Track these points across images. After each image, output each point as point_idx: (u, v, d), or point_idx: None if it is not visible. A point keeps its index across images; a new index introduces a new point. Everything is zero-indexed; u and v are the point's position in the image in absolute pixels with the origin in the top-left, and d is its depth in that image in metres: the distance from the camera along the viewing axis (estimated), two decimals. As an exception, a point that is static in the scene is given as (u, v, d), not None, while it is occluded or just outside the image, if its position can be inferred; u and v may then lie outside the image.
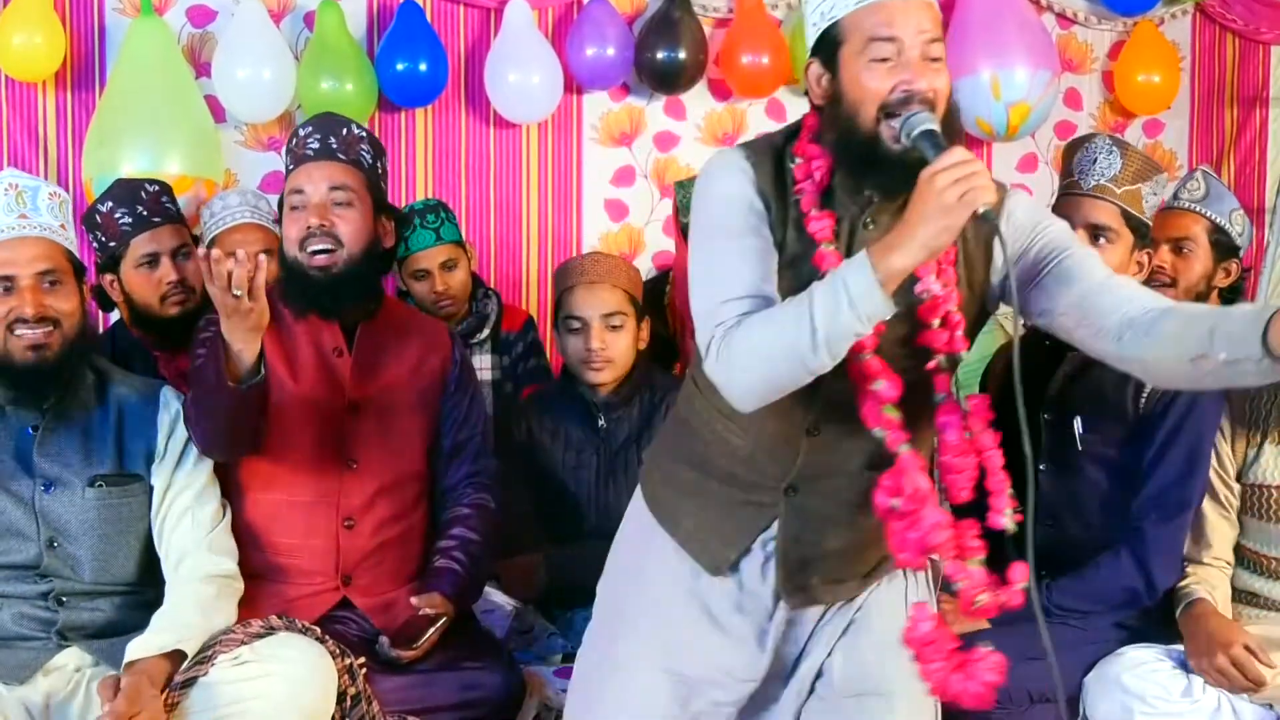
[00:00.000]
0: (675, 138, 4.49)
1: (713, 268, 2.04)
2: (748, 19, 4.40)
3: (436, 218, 3.65)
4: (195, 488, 2.59)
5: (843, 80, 1.98)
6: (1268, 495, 2.60)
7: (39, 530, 2.48)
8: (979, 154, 4.78)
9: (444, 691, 2.58)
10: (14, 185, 2.49)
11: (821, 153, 2.04)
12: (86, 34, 4.12)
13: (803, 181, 2.05)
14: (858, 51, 1.95)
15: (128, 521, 2.56)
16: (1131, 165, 2.57)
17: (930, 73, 1.94)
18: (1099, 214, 2.58)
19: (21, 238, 2.46)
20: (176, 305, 3.15)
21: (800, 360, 1.91)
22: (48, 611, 2.48)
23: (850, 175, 2.02)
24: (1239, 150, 5.02)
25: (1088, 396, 2.63)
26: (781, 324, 1.92)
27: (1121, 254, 2.58)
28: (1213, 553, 2.62)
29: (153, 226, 3.17)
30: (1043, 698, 2.53)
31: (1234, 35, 4.99)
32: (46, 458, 2.50)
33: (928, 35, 1.95)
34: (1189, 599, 2.54)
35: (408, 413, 2.82)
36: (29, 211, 2.47)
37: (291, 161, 2.78)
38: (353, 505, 2.74)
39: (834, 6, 1.99)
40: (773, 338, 1.92)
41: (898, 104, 1.92)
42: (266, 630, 2.42)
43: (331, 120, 2.81)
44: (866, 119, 1.95)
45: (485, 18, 4.37)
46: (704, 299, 2.03)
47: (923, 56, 1.95)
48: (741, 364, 1.95)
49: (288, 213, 2.75)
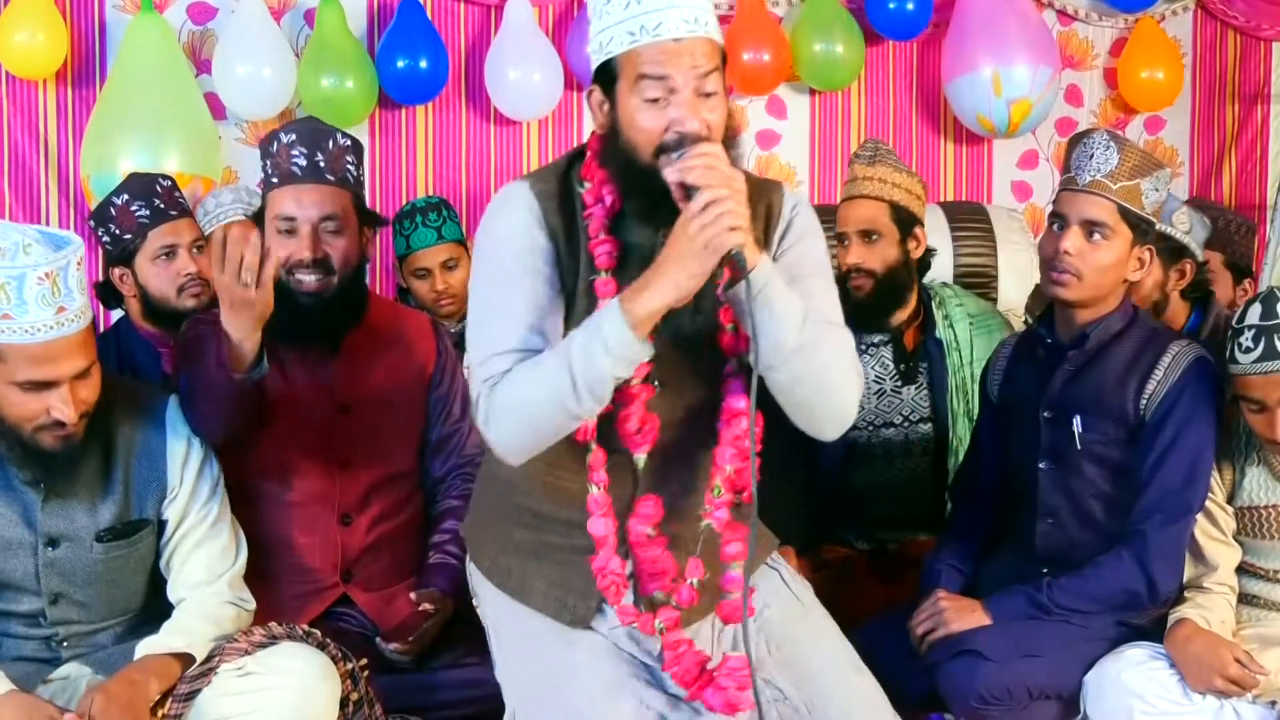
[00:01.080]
0: (676, 134, 4.49)
1: (485, 317, 2.09)
2: (748, 16, 4.40)
3: (439, 216, 3.65)
4: (210, 518, 2.52)
5: (620, 114, 2.02)
6: (1259, 515, 2.59)
7: (43, 586, 2.40)
8: (979, 152, 4.79)
9: (445, 690, 2.58)
10: (49, 274, 2.23)
11: (608, 177, 2.08)
12: (87, 31, 4.12)
13: (592, 206, 2.09)
14: (631, 89, 1.99)
15: (135, 564, 2.48)
16: (1129, 161, 2.56)
17: (704, 109, 1.98)
18: (1094, 210, 2.57)
19: (63, 338, 2.26)
20: (193, 297, 3.19)
21: (563, 408, 1.96)
22: (49, 652, 2.44)
23: (636, 203, 2.06)
24: (1240, 147, 5.03)
25: (1088, 396, 2.63)
26: (542, 375, 1.97)
27: (1119, 250, 2.58)
28: (1215, 577, 2.59)
29: (170, 219, 3.22)
30: (1041, 694, 2.53)
31: (1235, 32, 5.00)
32: (51, 516, 2.39)
33: (701, 70, 1.97)
34: (1173, 620, 2.53)
35: (397, 411, 2.82)
36: (65, 301, 2.25)
37: (275, 174, 2.69)
38: (348, 502, 2.75)
39: (611, 41, 2.01)
40: (535, 389, 1.97)
41: (672, 144, 1.96)
42: (269, 639, 2.39)
43: (316, 132, 2.71)
44: (644, 156, 2.00)
45: (486, 15, 4.37)
46: (475, 350, 2.08)
47: (695, 93, 1.98)
48: (507, 419, 2.00)
49: (273, 233, 2.66)
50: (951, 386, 3.18)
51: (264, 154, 2.73)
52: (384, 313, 2.91)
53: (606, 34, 2.02)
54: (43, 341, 2.24)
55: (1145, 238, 2.60)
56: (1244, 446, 2.58)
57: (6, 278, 2.21)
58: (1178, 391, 2.55)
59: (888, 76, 4.74)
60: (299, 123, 2.77)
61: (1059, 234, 2.59)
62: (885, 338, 3.21)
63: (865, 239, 3.14)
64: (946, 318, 3.24)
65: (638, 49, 1.98)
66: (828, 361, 2.05)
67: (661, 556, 2.10)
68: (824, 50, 4.44)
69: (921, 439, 3.19)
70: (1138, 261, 2.61)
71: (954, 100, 4.59)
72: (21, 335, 2.23)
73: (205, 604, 2.46)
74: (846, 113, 4.70)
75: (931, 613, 2.64)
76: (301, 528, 2.73)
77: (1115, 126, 4.89)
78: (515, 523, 2.22)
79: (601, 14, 2.03)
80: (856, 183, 3.18)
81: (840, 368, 2.07)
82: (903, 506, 3.19)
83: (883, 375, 3.20)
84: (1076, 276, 2.57)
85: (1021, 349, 2.82)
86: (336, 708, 2.37)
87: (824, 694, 2.16)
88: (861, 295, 3.13)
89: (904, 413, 3.20)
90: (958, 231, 4.27)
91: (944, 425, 3.18)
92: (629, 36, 1.98)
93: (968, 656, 2.53)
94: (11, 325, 2.23)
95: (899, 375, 3.19)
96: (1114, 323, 2.64)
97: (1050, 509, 2.67)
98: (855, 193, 3.17)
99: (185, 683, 2.33)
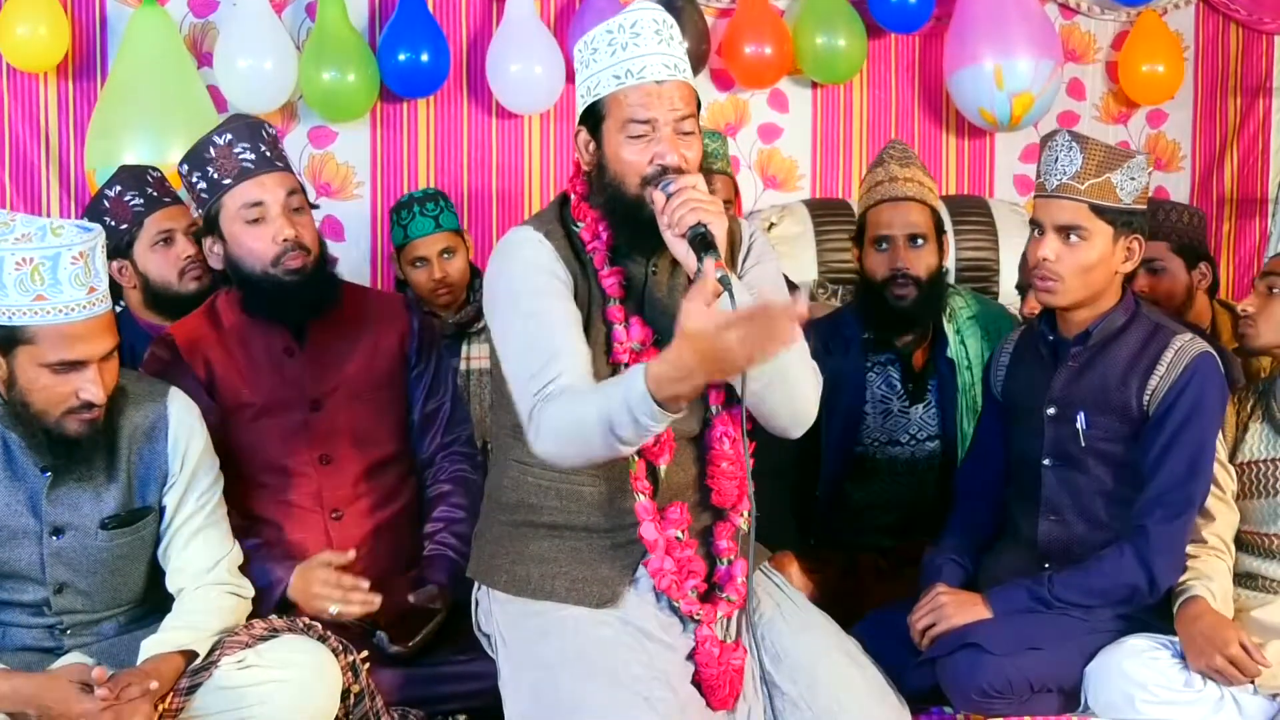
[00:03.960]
0: (678, 128, 4.48)
1: (526, 331, 2.21)
2: (750, 9, 4.39)
3: (436, 205, 3.65)
4: (208, 508, 2.54)
5: (606, 151, 2.25)
6: (1258, 471, 2.60)
7: (48, 576, 2.41)
8: (981, 145, 4.78)
9: (446, 683, 2.58)
10: (83, 254, 2.29)
11: (599, 215, 2.29)
12: (88, 24, 4.11)
13: (592, 242, 2.30)
14: (618, 128, 2.22)
15: (138, 551, 2.50)
16: (1093, 159, 2.55)
17: (683, 146, 2.22)
18: (1065, 214, 2.57)
19: (94, 317, 2.31)
20: (195, 280, 3.23)
21: (611, 448, 2.10)
22: (51, 641, 2.45)
23: (626, 233, 2.27)
24: (1242, 141, 5.02)
25: (1091, 393, 2.62)
26: (588, 421, 2.08)
27: (1100, 248, 2.57)
28: (1214, 528, 2.60)
29: (164, 206, 3.27)
30: (1043, 688, 2.53)
31: (1237, 25, 4.98)
32: (57, 504, 2.40)
33: (679, 113, 2.22)
34: (1184, 595, 2.54)
35: (373, 398, 2.81)
36: (95, 281, 2.31)
37: (226, 176, 2.67)
38: (336, 498, 2.75)
39: (599, 84, 2.24)
40: (584, 431, 2.09)
41: (655, 175, 2.19)
42: (270, 633, 2.40)
43: (249, 127, 2.73)
44: (630, 187, 2.23)
45: (487, 7, 4.37)
46: (520, 364, 2.20)
47: (675, 131, 2.22)
48: (561, 443, 2.14)
49: (245, 227, 2.67)
50: (962, 406, 3.11)
51: (198, 164, 2.71)
52: (351, 298, 2.88)
53: (594, 79, 2.24)
54: (78, 321, 2.29)
55: (1129, 228, 2.59)
56: (1248, 403, 2.59)
57: (42, 258, 2.26)
58: (1181, 386, 2.55)
59: (890, 70, 4.73)
60: (226, 124, 2.76)
61: (1038, 241, 2.59)
62: (892, 356, 3.15)
63: (912, 243, 3.05)
64: (958, 333, 3.15)
65: (624, 90, 2.21)
66: (790, 368, 2.20)
67: (693, 558, 2.28)
68: (826, 43, 4.43)
69: (928, 456, 3.15)
70: (1125, 252, 2.60)
71: (956, 93, 4.59)
72: (56, 316, 2.28)
73: (207, 596, 2.47)
74: (849, 106, 4.69)
75: (932, 607, 2.63)
76: (293, 527, 2.73)
77: (1117, 120, 4.89)
78: (531, 536, 2.34)
79: (589, 62, 2.26)
80: (896, 183, 3.08)
81: (799, 373, 2.25)
82: (907, 519, 3.16)
83: (889, 395, 3.15)
84: (1060, 281, 2.57)
85: (1024, 345, 2.82)
86: (338, 700, 2.38)
87: (817, 683, 2.26)
88: (906, 303, 3.05)
89: (911, 431, 3.16)
90: (960, 225, 4.27)
91: (952, 443, 3.13)
92: (615, 80, 2.21)
93: (969, 650, 2.53)
94: (45, 306, 2.27)
95: (906, 395, 3.15)
96: (1116, 318, 2.63)
97: (1054, 505, 2.67)
98: (898, 194, 3.07)
99: (187, 676, 2.33)
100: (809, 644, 2.32)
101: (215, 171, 2.68)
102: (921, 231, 3.06)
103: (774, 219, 4.31)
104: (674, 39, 2.25)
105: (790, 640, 2.32)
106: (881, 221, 3.08)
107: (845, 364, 3.12)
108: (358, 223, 4.31)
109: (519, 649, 2.29)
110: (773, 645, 2.31)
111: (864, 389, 3.14)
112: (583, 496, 2.29)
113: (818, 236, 4.27)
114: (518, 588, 2.32)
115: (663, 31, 2.23)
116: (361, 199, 4.31)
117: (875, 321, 3.14)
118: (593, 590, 2.27)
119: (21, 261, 2.25)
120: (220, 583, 2.49)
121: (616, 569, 2.28)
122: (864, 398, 3.14)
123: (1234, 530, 2.66)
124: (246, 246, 2.68)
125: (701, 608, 2.26)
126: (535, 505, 2.32)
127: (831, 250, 4.20)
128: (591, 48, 2.25)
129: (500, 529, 2.39)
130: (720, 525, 2.33)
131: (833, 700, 2.23)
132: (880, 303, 3.09)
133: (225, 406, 2.73)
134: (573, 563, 2.29)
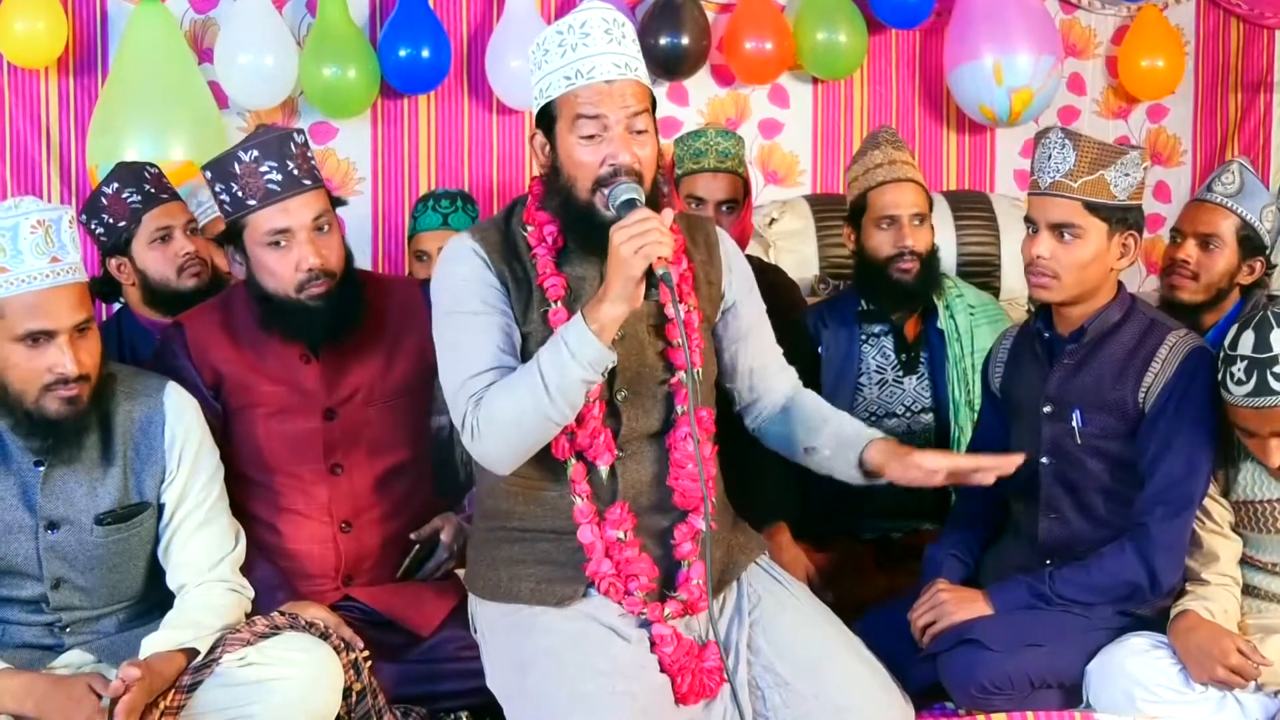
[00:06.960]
0: (678, 123, 4.47)
1: (457, 343, 2.28)
2: (751, 5, 4.39)
3: (451, 204, 3.68)
4: (209, 501, 2.53)
5: (559, 153, 2.25)
6: (1257, 510, 2.59)
7: (44, 571, 2.41)
8: (981, 141, 4.79)
9: (447, 680, 2.58)
10: (41, 222, 2.32)
11: (550, 218, 2.30)
12: (89, 20, 4.12)
13: (537, 247, 2.31)
14: (569, 128, 2.22)
15: (136, 548, 2.49)
16: (1086, 156, 2.55)
17: (635, 144, 2.22)
18: (1059, 212, 2.56)
19: (58, 287, 2.33)
20: (194, 276, 3.24)
21: (543, 415, 2.16)
22: (51, 638, 2.45)
23: (577, 235, 2.28)
24: (1243, 135, 5.01)
25: (1087, 390, 2.62)
26: (518, 389, 2.17)
27: (1095, 245, 2.57)
28: (1216, 568, 2.59)
29: (162, 202, 3.27)
30: (1044, 683, 2.54)
31: (1238, 20, 4.98)
32: (51, 497, 2.40)
33: (631, 110, 2.21)
34: (1175, 612, 2.54)
35: (390, 405, 2.75)
36: (59, 252, 2.32)
37: (250, 196, 2.57)
38: (347, 510, 2.71)
39: (550, 86, 2.24)
40: (515, 403, 2.17)
41: (607, 177, 2.20)
42: (271, 630, 2.40)
43: (277, 141, 2.59)
44: (583, 190, 2.23)
45: (488, 3, 4.37)
46: (452, 376, 2.27)
47: (627, 130, 2.21)
48: (495, 433, 2.20)
49: (268, 250, 2.58)
50: (953, 376, 3.19)
51: (222, 178, 2.60)
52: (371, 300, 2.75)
53: (546, 80, 2.24)
54: (39, 290, 2.32)
55: (1124, 225, 2.59)
56: (1237, 442, 2.58)
57: (1, 230, 2.30)
58: (1176, 382, 2.55)
59: (890, 65, 4.73)
60: (254, 138, 2.63)
61: (1033, 238, 2.60)
62: (886, 328, 3.23)
63: (917, 221, 3.16)
64: (947, 308, 3.25)
65: (574, 91, 2.20)
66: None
67: (636, 558, 2.29)
68: (827, 39, 4.43)
69: (924, 429, 3.20)
70: (1121, 248, 2.60)
71: (956, 89, 4.59)
72: (19, 286, 2.31)
73: (208, 594, 2.47)
74: (849, 102, 4.69)
75: (932, 604, 2.64)
76: (300, 539, 2.69)
77: (1117, 116, 4.89)
78: (504, 540, 2.38)
79: (540, 64, 2.25)
80: (896, 165, 3.18)
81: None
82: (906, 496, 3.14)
83: (884, 365, 3.22)
84: (1055, 278, 2.58)
85: (1021, 342, 2.82)
86: (339, 698, 2.39)
87: (825, 679, 2.26)
88: (909, 279, 3.15)
89: (906, 403, 3.21)
90: (961, 220, 4.28)
91: (946, 415, 3.20)
92: (565, 81, 2.21)
93: (969, 646, 2.53)
94: (9, 278, 2.31)
95: (900, 365, 3.21)
96: (1111, 314, 2.64)
97: (1053, 503, 2.67)
98: (900, 175, 3.17)
99: (188, 673, 2.34)
100: (815, 640, 2.33)
101: (240, 190, 2.58)
102: (923, 211, 3.19)
103: (775, 214, 4.31)
104: (625, 38, 2.24)
105: (795, 636, 2.32)
106: (887, 202, 3.16)
107: (840, 336, 3.23)
108: (358, 219, 4.29)
109: (497, 650, 2.36)
110: (776, 642, 2.31)
111: (859, 360, 3.21)
112: (545, 501, 2.33)
113: (818, 231, 4.27)
114: (491, 591, 2.39)
115: (613, 31, 2.23)
116: (362, 195, 4.32)
117: (877, 299, 3.23)
118: (555, 590, 2.30)
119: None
120: (222, 580, 2.49)
121: (578, 570, 2.30)
122: (859, 369, 3.21)
123: (1238, 559, 2.64)
124: (269, 269, 2.59)
125: (646, 606, 2.27)
126: (506, 511, 2.37)
127: (832, 245, 4.20)
128: (543, 49, 2.25)
129: (480, 535, 2.45)
130: (681, 526, 2.33)
131: (842, 695, 2.24)
132: (883, 280, 3.17)
133: (231, 405, 2.69)
134: (538, 564, 2.33)
